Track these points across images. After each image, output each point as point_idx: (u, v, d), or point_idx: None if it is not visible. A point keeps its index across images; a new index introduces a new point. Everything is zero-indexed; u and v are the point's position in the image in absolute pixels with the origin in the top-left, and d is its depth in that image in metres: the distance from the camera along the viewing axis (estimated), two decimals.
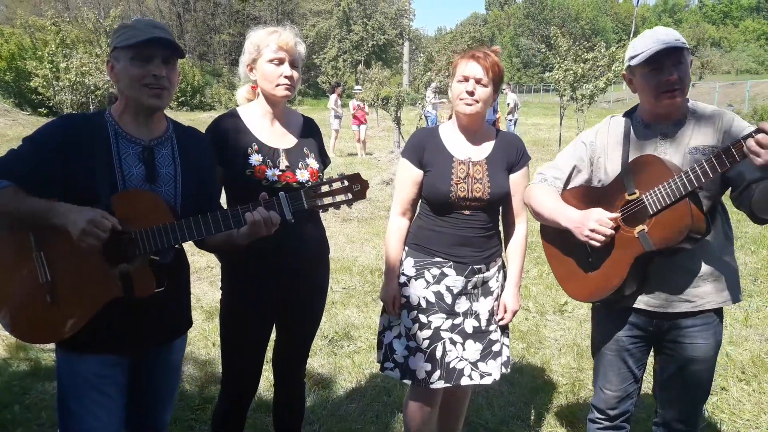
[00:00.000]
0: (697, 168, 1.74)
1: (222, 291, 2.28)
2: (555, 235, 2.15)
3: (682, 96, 1.92)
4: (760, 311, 4.56)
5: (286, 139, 2.22)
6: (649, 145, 1.99)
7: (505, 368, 2.37)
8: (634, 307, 2.02)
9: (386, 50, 48.40)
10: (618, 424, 2.20)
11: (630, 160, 1.98)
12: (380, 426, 3.02)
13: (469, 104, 2.18)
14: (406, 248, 2.36)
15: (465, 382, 2.29)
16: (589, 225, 1.93)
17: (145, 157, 1.79)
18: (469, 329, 2.29)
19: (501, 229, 2.43)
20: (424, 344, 2.26)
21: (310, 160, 2.22)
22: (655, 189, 1.85)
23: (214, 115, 3.33)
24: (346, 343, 4.03)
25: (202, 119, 19.14)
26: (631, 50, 1.96)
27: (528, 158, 2.35)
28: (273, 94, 2.14)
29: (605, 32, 70.80)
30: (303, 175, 2.17)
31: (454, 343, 2.28)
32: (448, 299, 2.26)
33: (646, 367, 2.20)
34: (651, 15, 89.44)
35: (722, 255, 1.98)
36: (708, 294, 1.96)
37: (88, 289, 1.71)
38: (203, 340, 4.00)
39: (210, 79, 40.52)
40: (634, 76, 1.99)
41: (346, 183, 1.78)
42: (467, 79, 2.16)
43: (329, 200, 1.78)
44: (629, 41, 3.65)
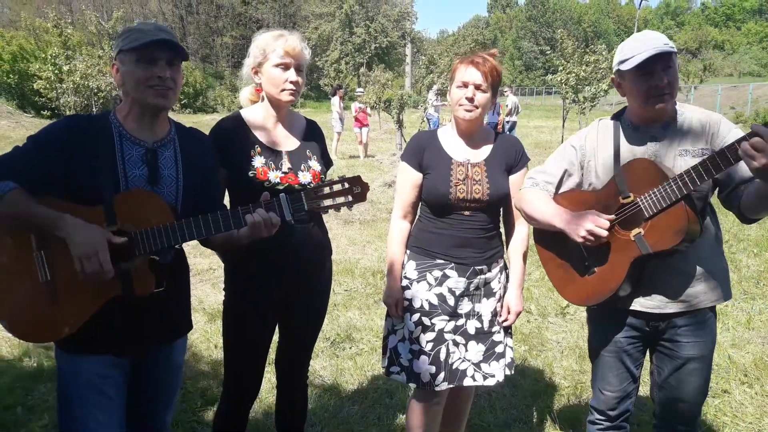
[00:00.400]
0: (692, 171, 1.76)
1: (225, 291, 2.29)
2: (550, 239, 2.16)
3: (671, 100, 1.93)
4: (763, 314, 4.55)
5: (288, 142, 2.24)
6: (639, 148, 2.00)
7: (509, 370, 2.36)
8: (630, 309, 2.03)
9: (389, 53, 48.35)
10: (618, 424, 2.20)
11: (622, 163, 1.99)
12: (382, 428, 3.02)
13: (468, 110, 2.18)
14: (408, 251, 2.36)
15: (468, 382, 2.29)
16: (585, 226, 1.93)
17: (148, 159, 1.80)
18: (471, 330, 2.29)
19: (503, 230, 2.44)
20: (428, 347, 2.27)
21: (313, 163, 2.23)
22: (651, 192, 1.86)
23: (216, 118, 3.33)
24: (348, 345, 4.03)
25: (205, 122, 19.18)
26: (620, 54, 1.95)
27: (527, 159, 2.35)
28: (278, 99, 2.16)
29: (607, 35, 70.90)
30: (305, 177, 2.18)
31: (456, 344, 2.28)
32: (451, 301, 2.27)
33: (642, 369, 2.20)
34: (653, 17, 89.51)
35: (714, 255, 2.01)
36: (702, 293, 1.98)
37: (87, 288, 1.72)
38: (205, 342, 4.01)
39: (212, 81, 40.61)
40: (623, 80, 1.98)
41: (346, 185, 1.79)
42: (466, 85, 2.17)
43: (329, 202, 1.78)
44: None
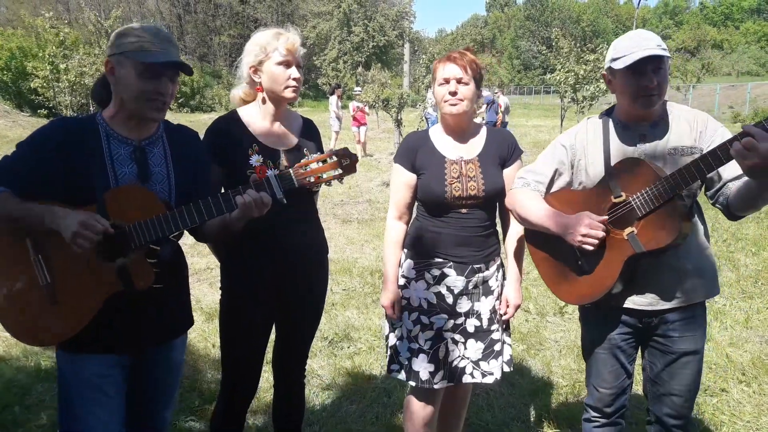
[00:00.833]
0: (684, 171, 1.78)
1: (221, 286, 2.29)
2: (542, 239, 2.16)
3: (659, 100, 1.96)
4: (761, 313, 4.56)
5: (286, 140, 2.23)
6: (629, 147, 2.00)
7: (508, 366, 2.37)
8: (623, 307, 2.04)
9: (387, 52, 48.33)
10: (614, 420, 2.20)
11: (612, 162, 2.00)
12: (380, 427, 3.01)
13: (453, 104, 2.19)
14: (405, 251, 2.36)
15: (467, 380, 2.30)
16: (581, 230, 1.93)
17: (137, 157, 1.80)
18: (470, 329, 2.29)
19: (499, 228, 2.44)
20: (427, 345, 2.26)
21: None
22: (643, 191, 1.87)
23: (214, 117, 3.33)
24: (346, 344, 4.03)
25: (203, 120, 19.16)
26: (613, 51, 1.96)
27: (520, 152, 2.36)
28: (281, 96, 2.16)
29: (606, 34, 70.88)
30: None
31: (455, 342, 2.28)
32: (449, 300, 2.26)
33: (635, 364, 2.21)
34: (652, 17, 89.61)
35: (703, 251, 2.02)
36: (693, 289, 1.99)
37: (88, 287, 1.72)
38: (203, 341, 4.01)
39: (210, 80, 40.52)
40: (614, 77, 2.00)
41: (334, 158, 1.77)
42: (448, 81, 2.19)
43: (319, 177, 1.78)
44: None
